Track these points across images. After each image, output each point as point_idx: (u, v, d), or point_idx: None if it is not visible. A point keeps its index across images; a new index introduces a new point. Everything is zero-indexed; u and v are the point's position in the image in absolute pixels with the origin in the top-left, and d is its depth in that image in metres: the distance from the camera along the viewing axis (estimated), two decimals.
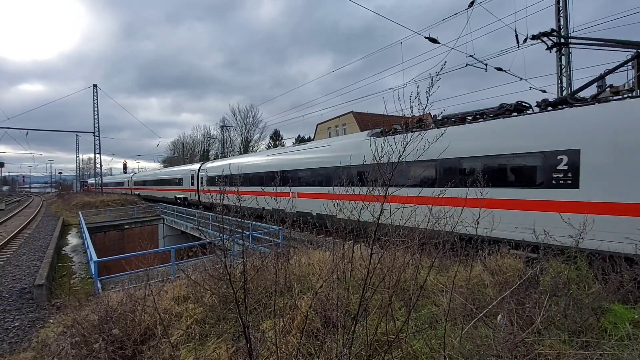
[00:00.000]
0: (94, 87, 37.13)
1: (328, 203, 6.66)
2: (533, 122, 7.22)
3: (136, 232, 24.15)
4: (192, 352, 3.60)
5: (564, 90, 13.41)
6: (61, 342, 4.27)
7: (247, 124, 55.50)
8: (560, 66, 13.47)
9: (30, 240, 15.22)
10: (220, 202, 3.02)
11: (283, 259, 4.60)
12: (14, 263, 11.09)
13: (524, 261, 4.90)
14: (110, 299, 4.72)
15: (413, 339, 3.13)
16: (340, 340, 2.72)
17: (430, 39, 12.17)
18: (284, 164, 16.23)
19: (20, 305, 7.87)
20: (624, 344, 2.84)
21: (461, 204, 3.26)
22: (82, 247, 15.01)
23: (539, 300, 3.35)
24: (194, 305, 4.59)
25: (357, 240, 3.77)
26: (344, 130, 35.31)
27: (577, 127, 6.40)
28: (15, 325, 6.94)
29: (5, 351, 5.88)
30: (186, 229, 20.97)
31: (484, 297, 3.90)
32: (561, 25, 13.38)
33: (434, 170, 8.73)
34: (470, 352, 2.78)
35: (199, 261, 7.47)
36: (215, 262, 4.61)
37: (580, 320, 3.24)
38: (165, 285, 5.45)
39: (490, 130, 7.95)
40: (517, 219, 6.94)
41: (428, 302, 4.06)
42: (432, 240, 3.78)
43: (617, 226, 5.63)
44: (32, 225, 20.08)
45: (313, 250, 6.42)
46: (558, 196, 6.47)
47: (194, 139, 67.07)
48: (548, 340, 2.88)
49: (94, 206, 30.04)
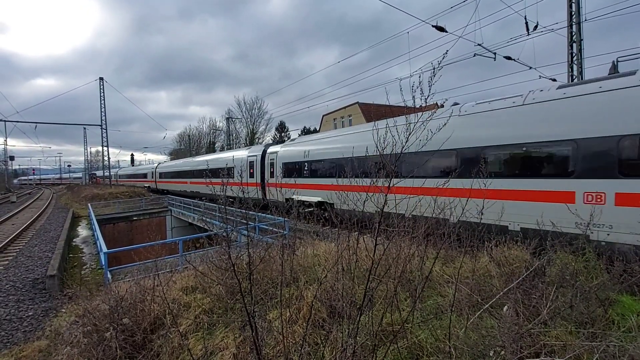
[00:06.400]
0: (100, 80, 37.29)
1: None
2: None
3: (144, 224, 24.50)
4: (201, 341, 3.67)
5: (574, 79, 13.12)
6: (73, 331, 4.38)
7: (253, 115, 55.46)
8: (571, 54, 13.16)
9: (41, 232, 15.52)
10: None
11: (289, 250, 4.62)
12: (27, 254, 11.33)
13: (530, 252, 4.87)
14: (120, 289, 4.81)
15: (418, 329, 3.15)
16: (346, 330, 2.74)
17: (437, 27, 11.95)
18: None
19: (34, 296, 8.06)
20: (632, 335, 2.82)
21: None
22: (92, 239, 15.28)
23: (545, 291, 3.33)
24: (202, 295, 4.66)
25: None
26: (350, 121, 35.07)
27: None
28: (29, 315, 7.12)
29: (19, 339, 6.04)
30: (193, 220, 21.13)
31: (489, 288, 3.88)
32: (573, 11, 13.03)
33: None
34: (476, 343, 2.79)
35: (206, 252, 7.55)
36: (222, 253, 4.66)
37: (587, 312, 3.22)
38: (174, 276, 5.54)
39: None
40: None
41: (433, 293, 4.06)
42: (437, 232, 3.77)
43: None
44: (43, 217, 20.44)
45: (319, 241, 6.45)
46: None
47: (200, 131, 67.36)
48: (554, 331, 2.87)
49: (102, 198, 30.45)
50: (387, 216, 2.79)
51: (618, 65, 7.62)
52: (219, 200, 2.86)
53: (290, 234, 9.56)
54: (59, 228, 16.33)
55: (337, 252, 3.83)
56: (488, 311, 3.13)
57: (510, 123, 7.29)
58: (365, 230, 3.90)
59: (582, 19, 12.93)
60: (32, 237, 14.17)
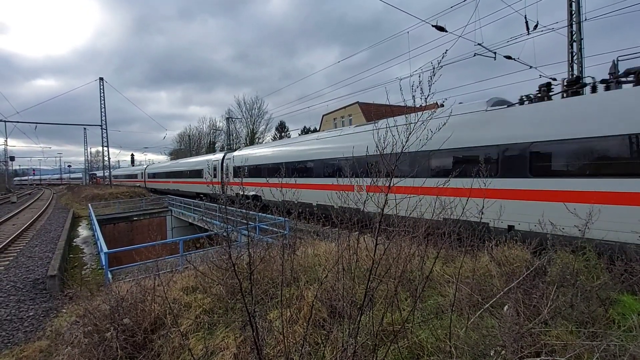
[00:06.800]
0: (100, 80, 37.30)
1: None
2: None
3: (145, 224, 24.50)
4: (201, 341, 3.68)
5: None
6: (74, 331, 4.38)
7: (253, 115, 55.46)
8: (571, 53, 13.15)
9: (42, 232, 15.53)
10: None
11: (289, 250, 4.62)
12: (27, 255, 11.34)
13: (531, 252, 4.86)
14: (121, 289, 4.81)
15: (419, 329, 3.15)
16: (347, 330, 2.74)
17: (437, 27, 11.93)
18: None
19: (34, 296, 8.07)
20: (632, 334, 2.82)
21: None
22: (92, 239, 15.29)
23: (546, 290, 3.33)
24: (203, 295, 4.66)
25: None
26: (350, 120, 35.05)
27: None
28: (30, 315, 7.13)
29: (20, 340, 6.05)
30: (194, 220, 21.17)
31: (490, 287, 3.88)
32: (573, 11, 13.01)
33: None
34: (476, 342, 2.79)
35: (207, 252, 7.55)
36: (222, 253, 4.66)
37: (588, 311, 3.22)
38: (174, 276, 5.54)
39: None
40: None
41: (434, 293, 4.06)
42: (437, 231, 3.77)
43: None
44: (44, 217, 20.46)
45: (319, 241, 6.45)
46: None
47: (200, 131, 67.40)
48: (555, 331, 2.87)
49: (103, 198, 30.46)
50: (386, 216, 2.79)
51: (618, 64, 7.60)
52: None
53: (290, 234, 9.56)
54: (59, 228, 16.34)
55: (338, 252, 3.83)
56: (489, 311, 3.13)
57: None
58: (365, 230, 3.90)
59: (582, 18, 12.91)
60: (33, 238, 14.17)
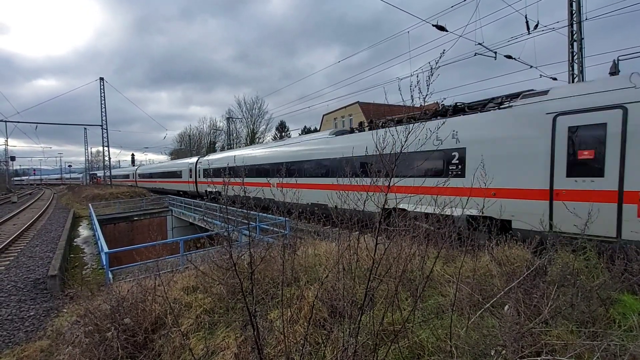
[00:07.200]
0: (100, 80, 37.30)
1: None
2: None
3: (145, 224, 24.51)
4: (202, 341, 3.68)
5: (575, 77, 13.11)
6: (75, 330, 4.39)
7: (253, 115, 55.47)
8: (571, 53, 13.14)
9: (42, 232, 15.54)
10: (224, 192, 3.04)
11: (290, 250, 4.63)
12: (28, 254, 11.35)
13: (531, 251, 4.87)
14: (122, 289, 4.82)
15: (419, 329, 3.15)
16: (347, 329, 2.75)
17: (438, 26, 11.94)
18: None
19: (35, 296, 8.08)
20: (633, 334, 2.82)
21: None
22: (92, 239, 15.30)
23: (546, 290, 3.33)
24: (203, 295, 4.67)
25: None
26: (350, 120, 35.08)
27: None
28: (31, 315, 7.13)
29: (21, 339, 6.06)
30: (194, 220, 21.18)
31: (490, 287, 3.89)
32: (573, 10, 13.01)
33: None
34: (477, 342, 2.79)
35: (207, 252, 7.56)
36: (223, 253, 4.67)
37: (588, 311, 3.22)
38: (175, 276, 5.54)
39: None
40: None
41: (434, 293, 4.06)
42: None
43: None
44: (44, 217, 20.48)
45: (320, 241, 6.45)
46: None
47: (200, 131, 67.42)
48: (555, 331, 2.87)
49: (103, 198, 30.48)
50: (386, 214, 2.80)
51: (619, 64, 7.60)
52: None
53: (291, 234, 9.57)
54: (60, 228, 16.35)
55: (338, 251, 3.83)
56: (489, 310, 3.13)
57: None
58: (365, 229, 3.91)
59: (582, 18, 12.91)
60: (33, 237, 14.18)
